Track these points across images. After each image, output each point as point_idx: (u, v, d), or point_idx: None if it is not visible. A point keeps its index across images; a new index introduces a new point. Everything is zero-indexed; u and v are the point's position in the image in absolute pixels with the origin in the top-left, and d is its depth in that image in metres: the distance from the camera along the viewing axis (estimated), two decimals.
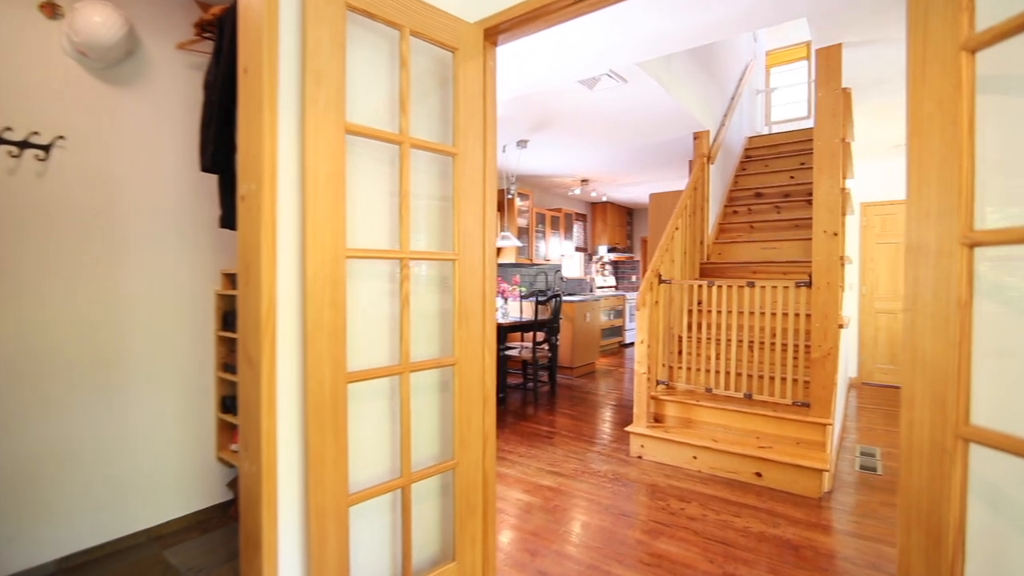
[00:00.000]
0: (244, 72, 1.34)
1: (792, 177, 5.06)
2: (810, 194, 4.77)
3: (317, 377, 1.35)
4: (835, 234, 2.89)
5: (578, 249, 8.49)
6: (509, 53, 3.00)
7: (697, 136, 4.56)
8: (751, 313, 3.35)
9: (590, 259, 8.89)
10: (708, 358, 3.43)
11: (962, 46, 0.93)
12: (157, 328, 2.31)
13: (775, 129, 7.17)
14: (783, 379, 3.13)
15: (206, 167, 1.95)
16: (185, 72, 2.39)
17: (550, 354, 5.09)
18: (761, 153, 5.60)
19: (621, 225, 9.12)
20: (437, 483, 1.77)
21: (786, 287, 3.09)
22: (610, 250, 8.66)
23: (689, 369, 3.51)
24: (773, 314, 3.18)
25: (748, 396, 3.21)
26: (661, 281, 3.50)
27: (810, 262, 3.96)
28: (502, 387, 4.61)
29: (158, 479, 2.33)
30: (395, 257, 1.57)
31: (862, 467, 3.22)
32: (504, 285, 5.11)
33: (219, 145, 1.89)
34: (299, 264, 1.36)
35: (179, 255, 2.37)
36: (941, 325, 0.96)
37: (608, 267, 9.42)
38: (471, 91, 1.75)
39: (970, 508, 0.94)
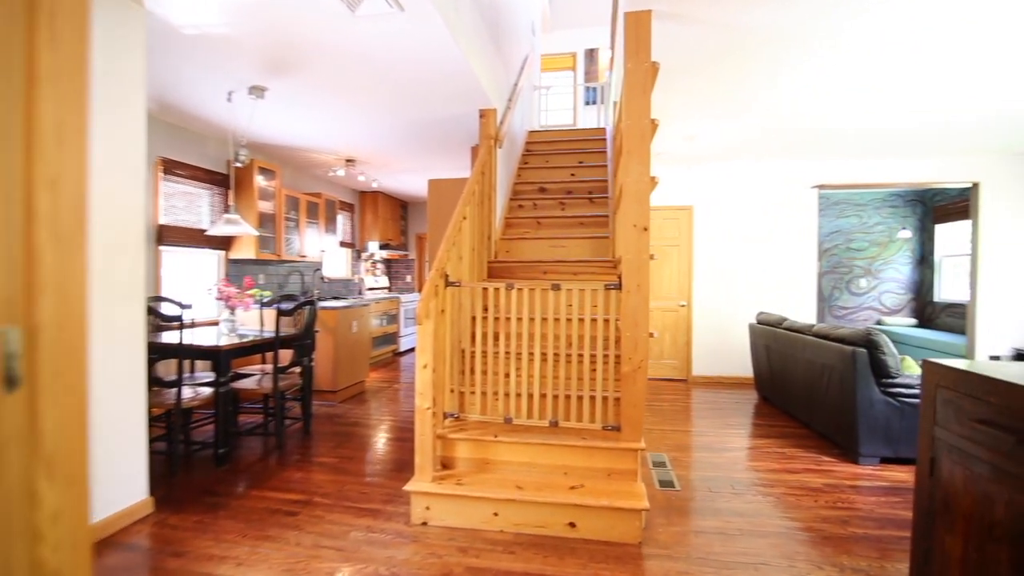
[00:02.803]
0: None
1: (573, 174, 4.89)
2: (591, 192, 4.64)
3: None
4: (645, 229, 2.50)
5: (344, 244, 7.21)
6: None
7: (484, 114, 3.92)
8: (556, 320, 2.80)
9: (359, 256, 7.68)
10: (507, 378, 2.76)
11: None
12: None
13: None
14: (592, 398, 2.64)
15: None
16: None
17: (302, 380, 3.83)
18: (542, 148, 5.35)
19: (395, 219, 8.15)
20: None
21: (595, 290, 2.61)
22: (382, 246, 7.61)
23: (484, 394, 2.78)
24: (581, 319, 2.67)
25: (554, 424, 2.63)
26: (449, 283, 2.68)
27: (600, 261, 3.70)
28: (225, 440, 3.18)
29: None
30: None
31: (661, 483, 2.97)
32: (231, 289, 3.63)
33: None
34: None
35: None
36: None
37: (380, 266, 8.35)
38: None
39: None
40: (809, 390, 3.94)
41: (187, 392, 3.19)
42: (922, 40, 2.89)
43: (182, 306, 3.80)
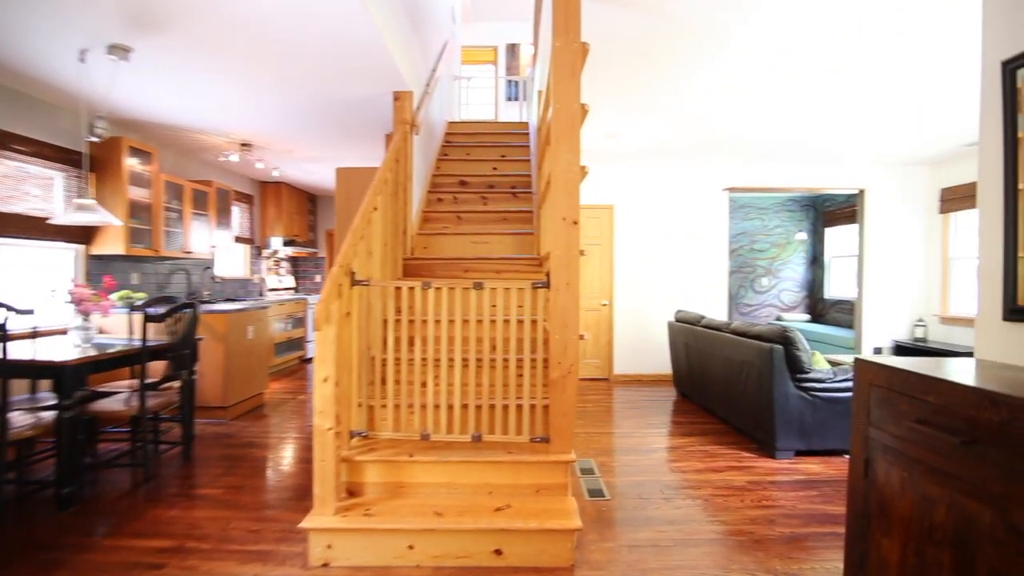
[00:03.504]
0: None
1: (495, 168, 4.66)
2: (514, 187, 4.43)
3: None
4: (575, 222, 2.32)
5: (240, 240, 6.46)
6: None
7: (399, 96, 3.56)
8: (478, 322, 2.54)
9: (259, 253, 6.94)
10: (423, 388, 2.45)
11: None
12: None
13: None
14: (518, 406, 2.41)
15: None
16: None
17: (181, 396, 3.26)
18: (462, 140, 5.08)
19: (302, 213, 7.47)
20: None
21: (520, 289, 2.38)
22: (287, 243, 6.93)
23: (397, 407, 2.45)
24: (506, 321, 2.43)
25: (477, 438, 2.37)
26: (356, 282, 2.33)
27: (525, 259, 3.49)
28: (73, 475, 2.57)
29: None
30: None
31: (590, 492, 2.81)
32: (84, 290, 2.99)
33: None
34: None
35: None
36: None
37: (285, 264, 7.61)
38: None
39: None
40: (727, 386, 4.00)
41: (24, 419, 2.55)
42: (815, 59, 2.98)
43: (17, 311, 3.10)
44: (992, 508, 1.27)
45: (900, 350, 5.97)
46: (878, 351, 6.09)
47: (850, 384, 3.34)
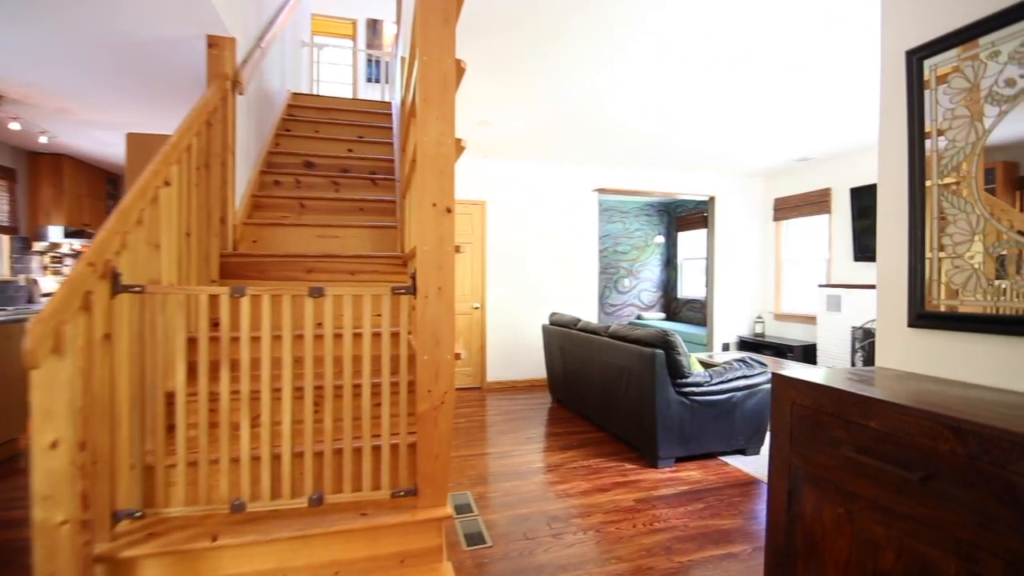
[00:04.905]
0: None
1: (351, 150, 3.96)
2: (374, 172, 3.79)
3: None
4: (448, 210, 1.81)
5: None
6: None
7: (215, 43, 2.72)
8: (319, 337, 1.91)
9: (28, 247, 5.26)
10: (236, 434, 1.75)
11: None
12: None
13: None
14: (375, 448, 1.83)
15: None
16: None
17: None
18: (310, 115, 4.26)
19: (95, 196, 5.86)
20: None
21: (377, 295, 1.81)
22: (72, 234, 5.35)
23: (194, 466, 1.71)
24: (358, 334, 1.83)
25: (317, 501, 1.74)
26: (122, 288, 1.56)
27: (387, 257, 2.90)
28: None
29: None
30: None
31: (468, 539, 2.33)
32: None
33: None
34: None
35: None
36: None
37: (70, 261, 5.91)
38: None
39: None
40: (606, 393, 3.82)
41: None
42: (683, 66, 2.91)
43: None
44: (957, 558, 1.05)
45: (743, 344, 6.50)
46: (726, 347, 6.57)
47: (725, 386, 3.33)
